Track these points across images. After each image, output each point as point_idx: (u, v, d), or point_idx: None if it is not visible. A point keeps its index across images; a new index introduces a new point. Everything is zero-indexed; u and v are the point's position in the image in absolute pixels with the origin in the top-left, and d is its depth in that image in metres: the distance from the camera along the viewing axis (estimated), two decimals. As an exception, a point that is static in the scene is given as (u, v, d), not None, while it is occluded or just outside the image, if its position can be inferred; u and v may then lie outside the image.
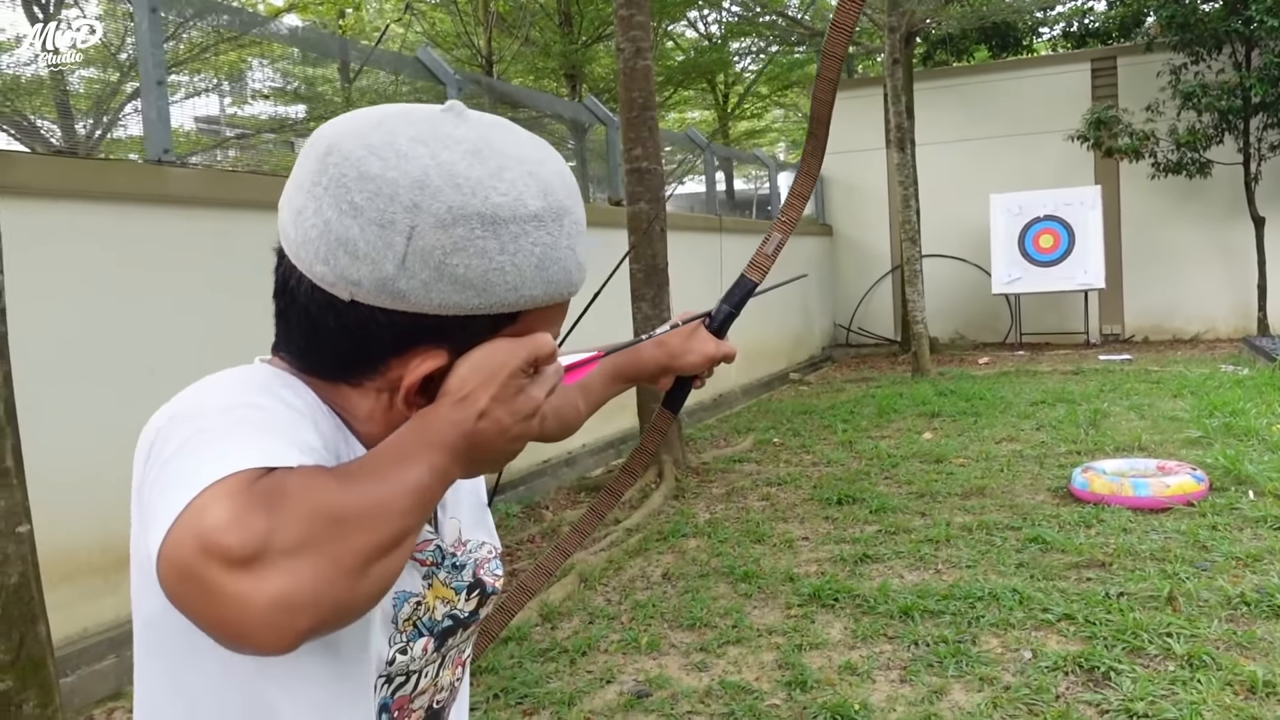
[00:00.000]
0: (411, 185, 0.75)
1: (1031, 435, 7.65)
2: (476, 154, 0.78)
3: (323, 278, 0.78)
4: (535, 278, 0.80)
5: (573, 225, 0.83)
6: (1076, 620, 3.97)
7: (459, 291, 0.77)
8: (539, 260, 0.80)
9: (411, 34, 16.21)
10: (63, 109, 7.60)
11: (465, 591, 0.97)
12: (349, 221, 0.76)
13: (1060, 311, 14.09)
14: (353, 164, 0.76)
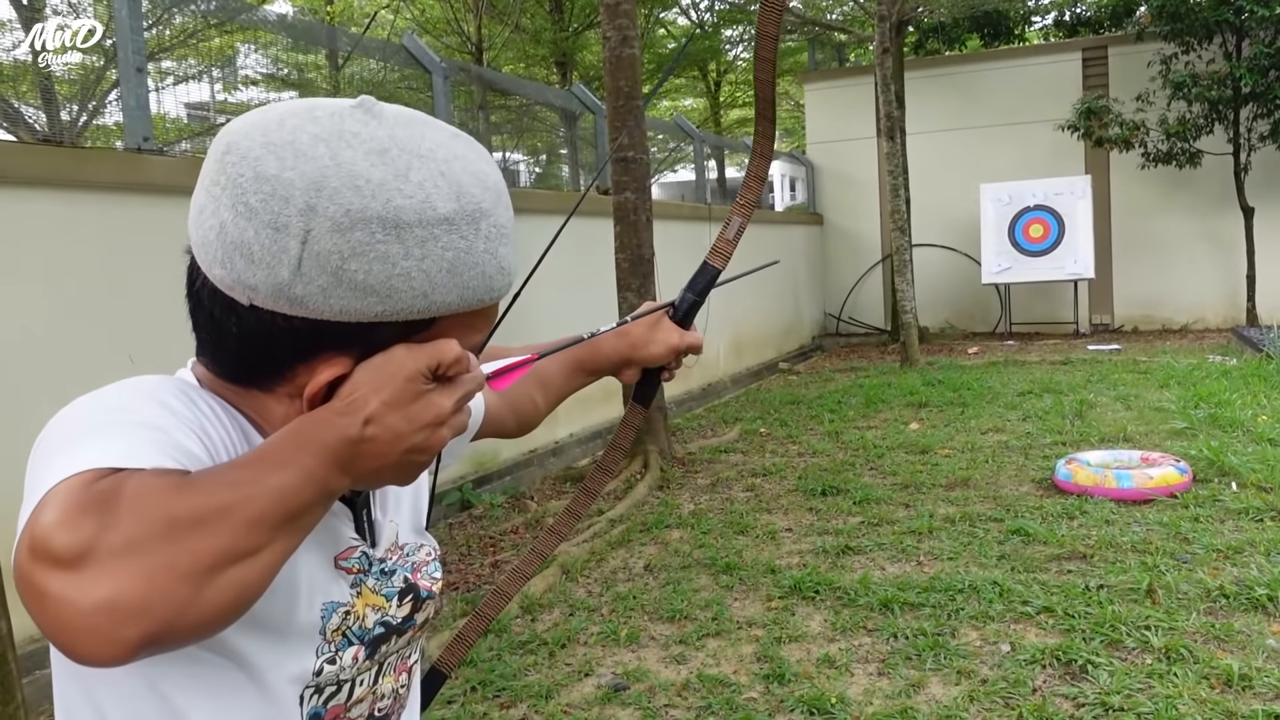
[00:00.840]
0: (308, 187, 0.71)
1: (1018, 426, 7.66)
2: (382, 153, 0.74)
3: (221, 280, 0.76)
4: (447, 283, 0.76)
5: (491, 228, 0.79)
6: (1056, 613, 3.97)
7: (360, 298, 0.73)
8: (450, 265, 0.75)
9: (401, 20, 16.13)
10: (47, 96, 7.54)
11: (397, 597, 0.94)
12: (244, 224, 0.73)
13: (1050, 301, 14.10)
14: (250, 163, 0.73)
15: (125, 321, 4.39)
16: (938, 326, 14.70)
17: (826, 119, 15.70)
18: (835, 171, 15.50)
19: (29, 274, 4.02)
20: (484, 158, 0.81)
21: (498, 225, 0.80)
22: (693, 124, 13.68)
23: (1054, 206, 13.26)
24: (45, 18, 8.42)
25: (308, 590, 0.85)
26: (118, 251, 4.41)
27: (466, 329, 0.81)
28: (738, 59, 20.98)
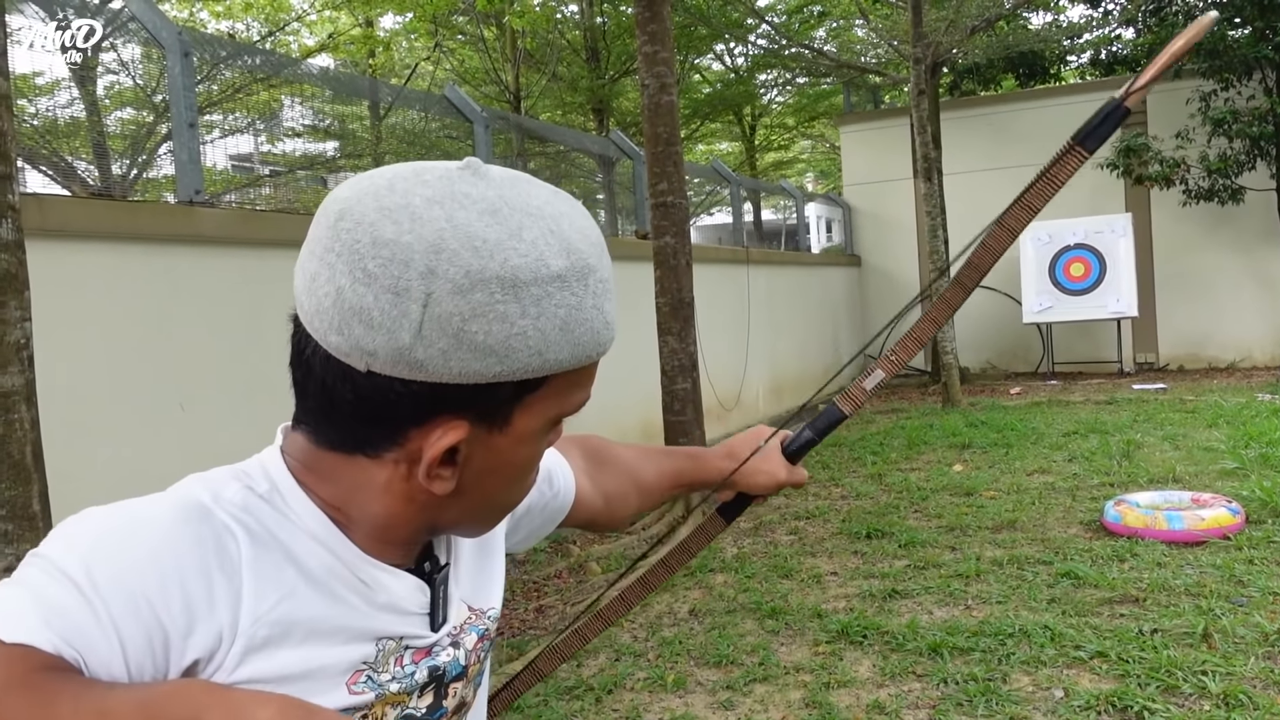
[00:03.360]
0: (427, 250, 0.71)
1: (1064, 467, 7.57)
2: (494, 213, 0.74)
3: (337, 348, 0.74)
4: (560, 340, 0.75)
5: (598, 284, 0.79)
6: (1109, 658, 3.91)
7: (479, 359, 0.73)
8: (563, 322, 0.75)
9: (441, 71, 16.43)
10: (99, 150, 7.74)
11: (418, 691, 0.88)
12: (363, 289, 0.72)
13: (1093, 340, 13.96)
14: (366, 229, 0.72)
15: (176, 369, 4.48)
16: (979, 367, 14.59)
17: (863, 161, 15.74)
18: (872, 213, 15.51)
19: (86, 322, 4.12)
20: (585, 214, 0.81)
21: (603, 280, 0.80)
22: (729, 167, 13.77)
23: (1095, 245, 13.17)
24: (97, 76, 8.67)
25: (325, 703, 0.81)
26: (169, 301, 4.51)
27: (574, 387, 0.81)
28: (773, 103, 21.13)
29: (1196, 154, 12.14)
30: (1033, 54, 15.80)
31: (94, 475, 4.07)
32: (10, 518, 1.96)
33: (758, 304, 10.79)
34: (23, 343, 2.07)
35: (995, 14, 13.24)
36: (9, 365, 2.02)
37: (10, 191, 2.07)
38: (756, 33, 16.32)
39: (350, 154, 10.33)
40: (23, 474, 1.99)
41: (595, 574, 5.69)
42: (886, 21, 14.73)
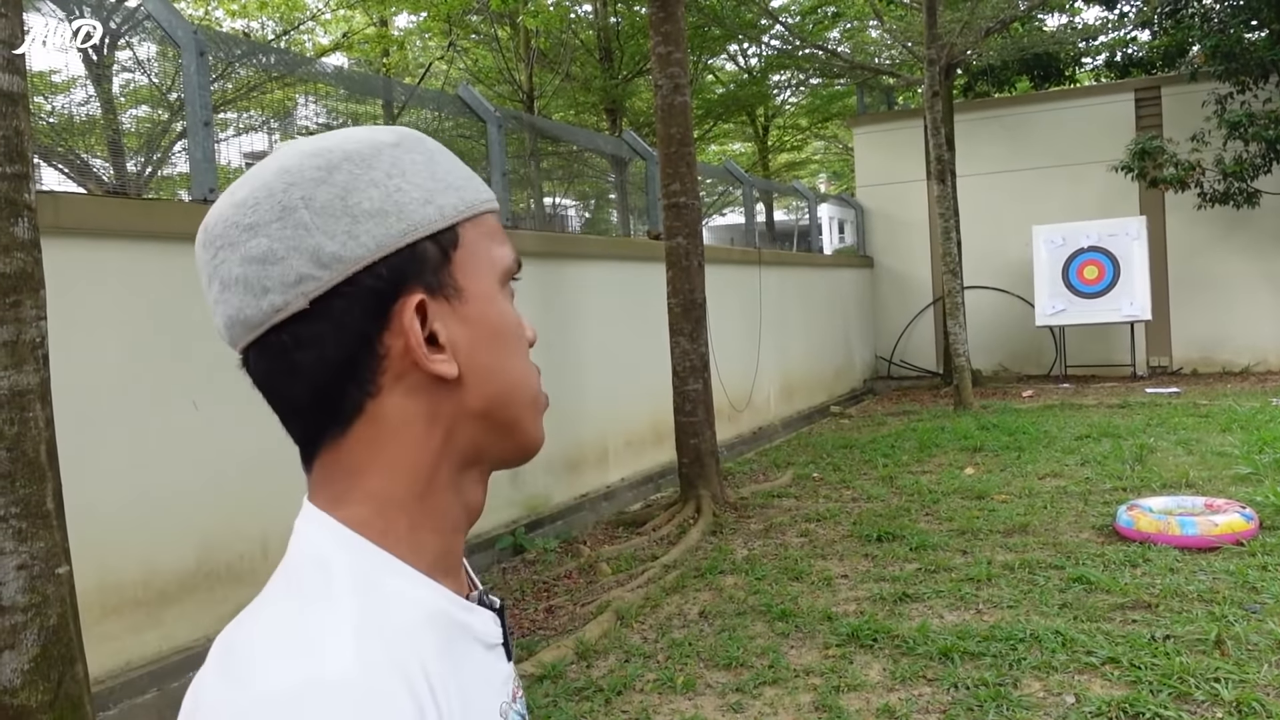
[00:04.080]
0: (275, 175, 0.74)
1: (1076, 471, 7.54)
2: (309, 140, 0.77)
3: (278, 307, 0.73)
4: (438, 186, 0.77)
5: (435, 146, 0.81)
6: (1121, 664, 3.89)
7: (380, 222, 0.74)
8: (429, 172, 0.77)
9: (454, 70, 16.46)
10: (114, 148, 7.77)
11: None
12: (255, 244, 0.73)
13: (1106, 343, 13.90)
14: (223, 220, 0.75)
15: (189, 368, 4.49)
16: (991, 369, 14.55)
17: (876, 162, 15.71)
18: (885, 214, 15.49)
19: (100, 320, 4.14)
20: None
21: (441, 147, 0.81)
22: (741, 168, 13.76)
23: (1109, 248, 13.12)
24: (113, 74, 8.70)
25: None
26: (183, 299, 4.52)
27: (490, 240, 0.80)
28: (786, 104, 21.10)
29: (1212, 157, 12.08)
30: (1048, 56, 15.75)
31: (109, 474, 4.09)
32: (24, 515, 1.97)
33: (770, 305, 10.78)
34: (38, 341, 2.08)
35: (1010, 16, 13.21)
36: (24, 364, 2.02)
37: (26, 190, 2.08)
38: (770, 33, 16.32)
39: (364, 153, 10.36)
40: (37, 472, 2.00)
41: (605, 574, 5.69)
42: (901, 23, 14.70)
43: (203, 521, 4.50)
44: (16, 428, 1.97)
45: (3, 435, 1.94)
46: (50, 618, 2.00)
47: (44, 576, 1.99)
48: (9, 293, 2.01)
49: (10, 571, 1.94)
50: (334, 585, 0.71)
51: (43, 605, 2.00)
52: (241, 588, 4.64)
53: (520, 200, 9.47)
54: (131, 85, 9.14)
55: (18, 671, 1.96)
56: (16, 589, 1.94)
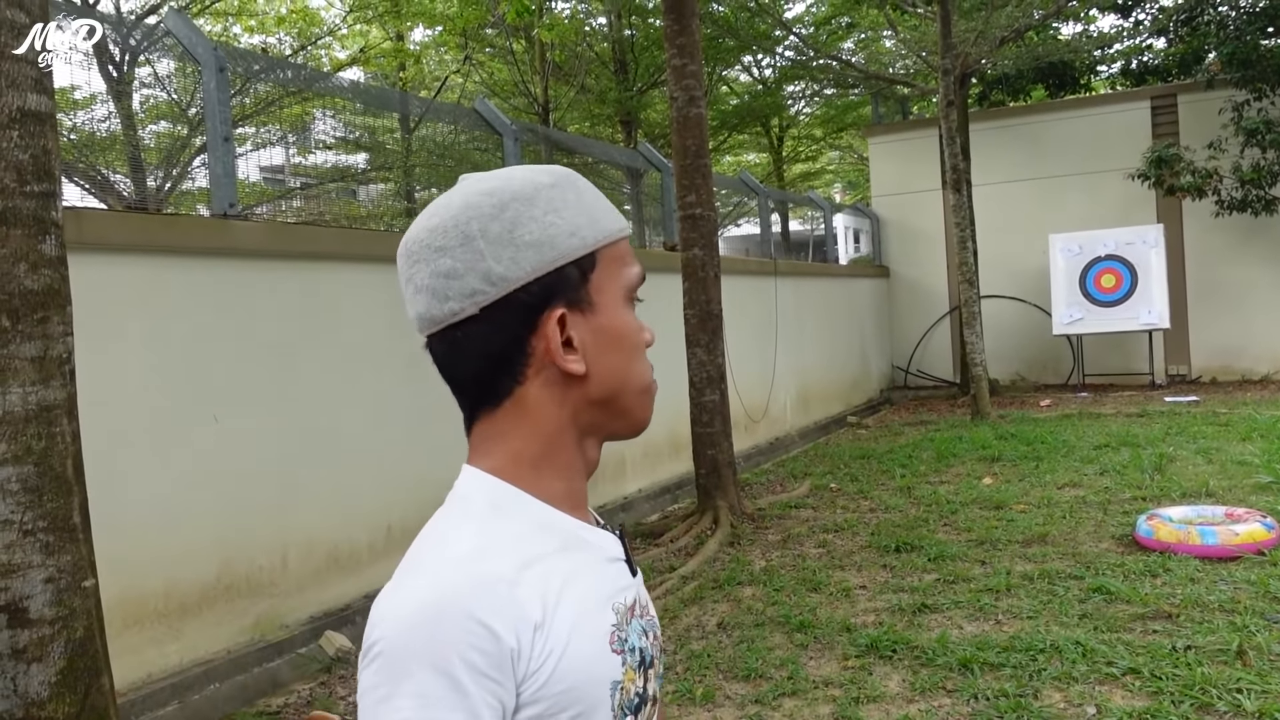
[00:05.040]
0: (459, 210, 0.96)
1: (1095, 480, 7.51)
2: (489, 178, 0.99)
3: (453, 313, 0.96)
4: (583, 221, 0.98)
5: (585, 185, 1.01)
6: (1142, 674, 3.87)
7: (537, 252, 0.95)
8: (575, 206, 0.98)
9: (470, 84, 16.54)
10: (135, 163, 7.86)
11: (639, 669, 0.99)
12: (442, 263, 0.95)
13: (1124, 352, 13.84)
14: (419, 241, 0.97)
15: (210, 381, 4.53)
16: (1008, 379, 14.49)
17: (891, 172, 15.70)
18: (901, 224, 15.47)
19: (122, 335, 4.18)
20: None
21: (588, 184, 1.02)
22: (756, 179, 13.77)
23: (1126, 256, 13.07)
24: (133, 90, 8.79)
25: (601, 673, 0.94)
26: (204, 313, 4.56)
27: (620, 262, 1.02)
28: (800, 114, 21.12)
29: (1229, 164, 12.03)
30: (1063, 64, 15.72)
31: (131, 487, 4.12)
32: (52, 529, 2.00)
33: (785, 315, 10.78)
34: (64, 357, 2.10)
35: (1024, 24, 13.19)
36: (51, 379, 2.05)
37: (54, 208, 2.11)
38: (784, 44, 16.34)
39: (380, 166, 10.42)
40: (64, 486, 2.02)
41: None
42: (915, 32, 14.70)
43: (223, 534, 4.53)
44: (44, 442, 2.00)
45: (30, 450, 1.97)
46: (77, 630, 2.02)
47: (71, 590, 2.02)
48: (36, 309, 2.03)
49: (38, 585, 1.96)
50: (470, 508, 0.96)
51: (70, 618, 2.02)
52: (261, 599, 4.67)
53: (536, 212, 9.49)
54: (151, 101, 9.24)
55: (45, 683, 1.98)
56: (44, 602, 1.97)
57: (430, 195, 10.59)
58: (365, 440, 5.36)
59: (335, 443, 5.20)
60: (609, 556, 1.02)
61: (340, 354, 5.26)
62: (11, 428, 1.95)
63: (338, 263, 5.36)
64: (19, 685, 1.99)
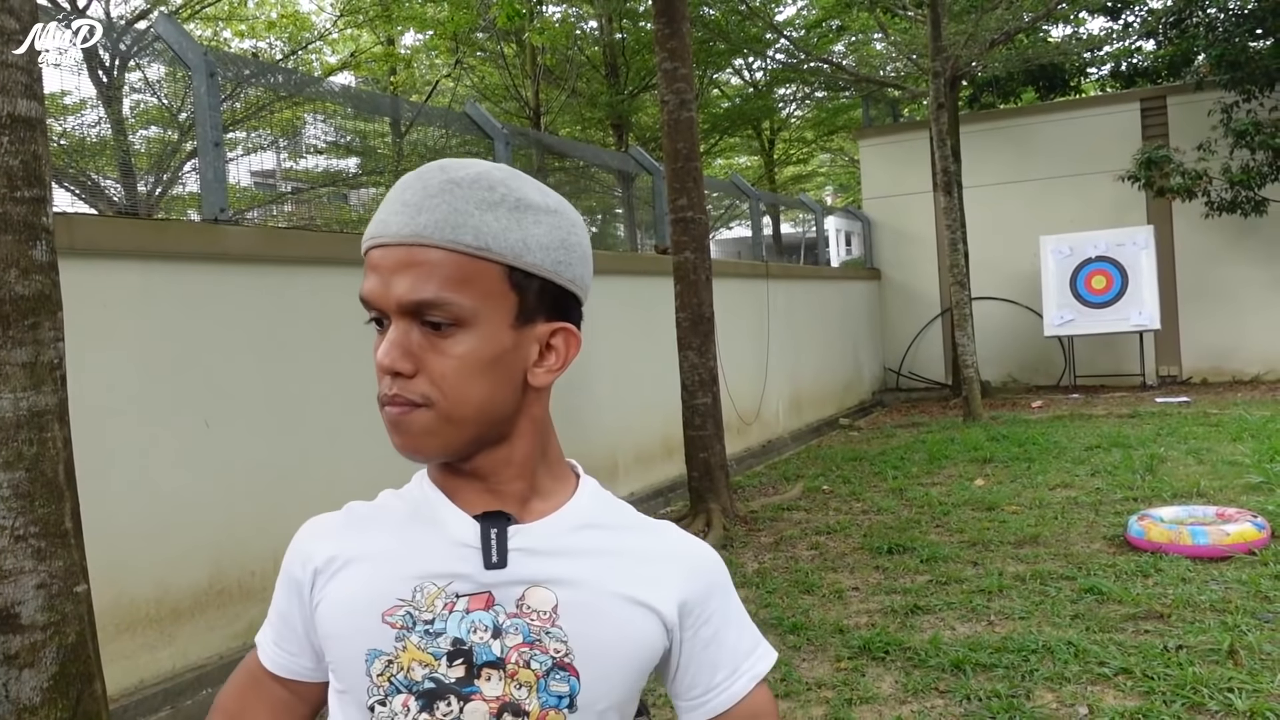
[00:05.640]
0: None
1: (1086, 481, 7.53)
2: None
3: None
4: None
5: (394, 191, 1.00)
6: (1134, 674, 3.88)
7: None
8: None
9: (461, 88, 16.54)
10: (125, 168, 7.84)
11: (446, 658, 0.98)
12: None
13: (1115, 353, 13.89)
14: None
15: (201, 386, 4.52)
16: (1000, 380, 14.53)
17: (882, 174, 15.74)
18: (892, 226, 15.50)
19: (113, 340, 4.17)
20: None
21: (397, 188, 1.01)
22: (748, 181, 13.80)
23: (1116, 258, 13.12)
24: (124, 95, 8.79)
25: (358, 636, 1.00)
26: (195, 319, 4.56)
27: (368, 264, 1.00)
28: (791, 117, 21.16)
29: (1219, 166, 12.08)
30: (1053, 67, 15.78)
31: (122, 492, 4.11)
32: (43, 535, 1.99)
33: (777, 318, 10.80)
34: (55, 363, 2.10)
35: (1014, 27, 13.24)
36: (42, 385, 2.05)
37: (45, 214, 2.11)
38: (775, 47, 16.38)
39: (371, 170, 10.41)
40: (55, 492, 2.02)
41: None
42: (905, 35, 14.74)
43: (214, 539, 4.52)
44: (35, 448, 2.00)
45: (22, 456, 1.97)
46: (69, 636, 2.02)
47: (63, 595, 2.02)
48: (27, 314, 2.03)
49: (30, 590, 1.96)
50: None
51: (61, 624, 2.02)
52: (253, 604, 4.66)
53: (528, 216, 9.49)
54: (141, 106, 9.22)
55: (37, 689, 1.98)
56: (36, 607, 1.97)
57: (422, 199, 10.58)
58: (357, 444, 5.35)
59: (327, 447, 5.19)
60: (456, 540, 1.00)
61: (332, 358, 5.26)
62: (3, 433, 1.94)
63: (329, 267, 5.35)
64: (11, 691, 1.98)
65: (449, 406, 0.95)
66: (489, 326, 0.96)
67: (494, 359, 0.96)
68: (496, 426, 0.99)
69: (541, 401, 1.05)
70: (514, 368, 0.98)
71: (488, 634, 0.98)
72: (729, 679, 1.08)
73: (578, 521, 1.05)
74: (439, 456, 1.00)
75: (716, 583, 1.08)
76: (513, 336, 0.97)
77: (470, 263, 0.94)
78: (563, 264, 0.99)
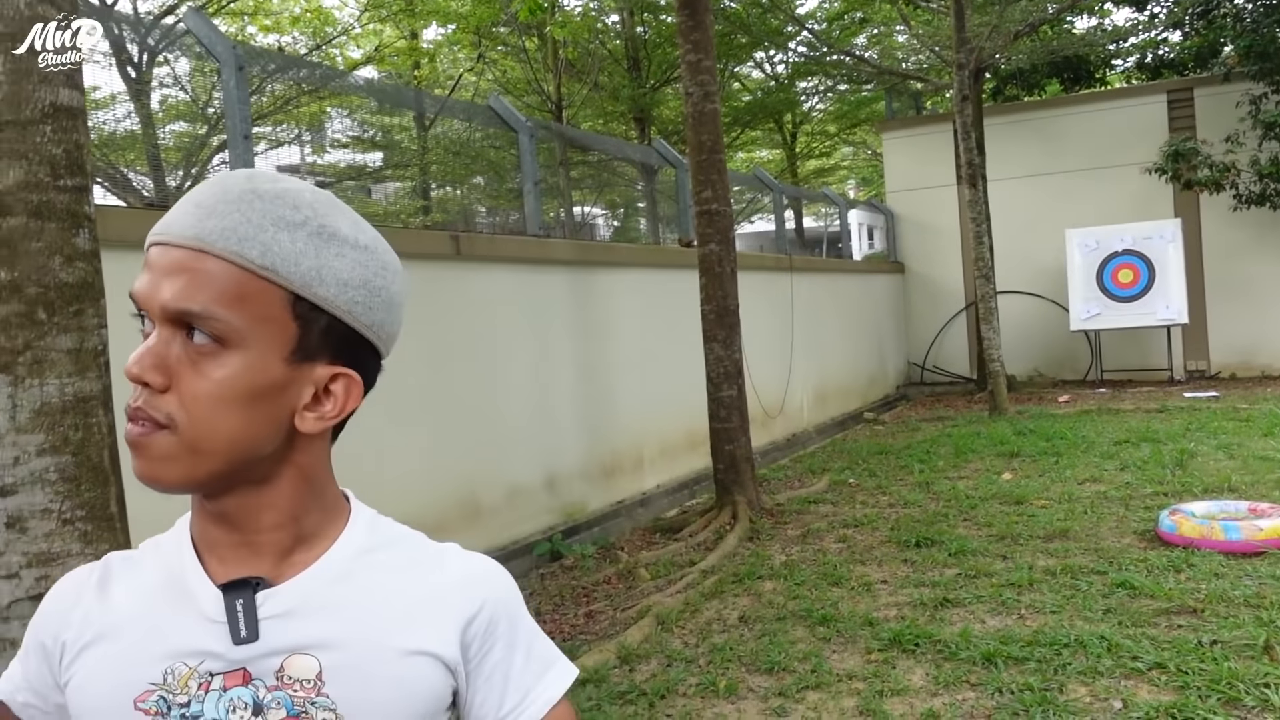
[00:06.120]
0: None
1: (1116, 476, 7.47)
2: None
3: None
4: None
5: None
6: (1168, 669, 3.85)
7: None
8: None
9: (484, 82, 16.56)
10: (154, 162, 7.89)
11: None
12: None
13: (1142, 348, 13.78)
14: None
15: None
16: (1026, 374, 14.44)
17: (905, 167, 15.66)
18: (915, 220, 15.43)
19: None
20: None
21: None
22: (770, 175, 13.75)
23: (1143, 251, 13.01)
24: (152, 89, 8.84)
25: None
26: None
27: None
28: (814, 110, 21.08)
29: (1247, 158, 11.96)
30: (1078, 58, 15.66)
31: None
32: (90, 519, 2.01)
33: (801, 311, 10.76)
34: (99, 349, 2.12)
35: (1039, 19, 13.14)
36: (87, 371, 2.06)
37: (86, 203, 2.13)
38: (797, 40, 16.32)
39: (396, 164, 10.44)
40: (101, 476, 2.04)
41: (644, 580, 5.70)
42: (928, 27, 14.67)
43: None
44: (81, 433, 2.01)
45: (68, 440, 1.98)
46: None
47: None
48: (71, 301, 2.05)
49: (75, 575, 1.98)
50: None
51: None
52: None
53: (550, 209, 9.51)
54: (170, 101, 9.28)
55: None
56: (81, 592, 1.98)
57: (445, 193, 10.63)
58: (392, 444, 5.37)
59: (362, 445, 5.20)
60: (204, 615, 0.91)
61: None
62: (49, 418, 1.96)
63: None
64: (56, 675, 2.01)
65: (194, 434, 0.86)
66: (258, 354, 0.86)
67: (256, 392, 0.87)
68: (251, 467, 0.90)
69: (313, 451, 0.94)
70: (279, 406, 0.89)
71: (247, 712, 0.90)
72: (519, 706, 0.97)
73: (340, 569, 0.94)
74: (180, 488, 0.90)
75: (500, 607, 0.97)
76: (284, 371, 0.88)
77: (251, 280, 0.85)
78: (360, 305, 0.90)
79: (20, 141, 1.98)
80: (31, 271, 1.99)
